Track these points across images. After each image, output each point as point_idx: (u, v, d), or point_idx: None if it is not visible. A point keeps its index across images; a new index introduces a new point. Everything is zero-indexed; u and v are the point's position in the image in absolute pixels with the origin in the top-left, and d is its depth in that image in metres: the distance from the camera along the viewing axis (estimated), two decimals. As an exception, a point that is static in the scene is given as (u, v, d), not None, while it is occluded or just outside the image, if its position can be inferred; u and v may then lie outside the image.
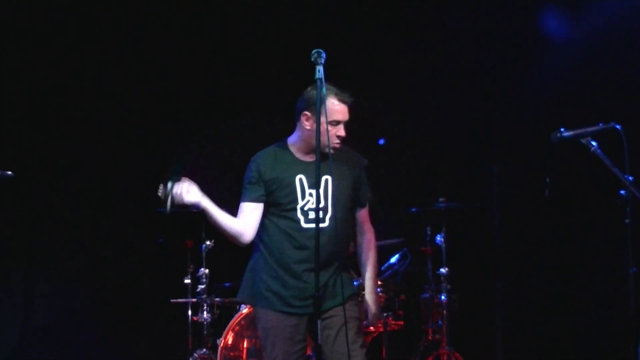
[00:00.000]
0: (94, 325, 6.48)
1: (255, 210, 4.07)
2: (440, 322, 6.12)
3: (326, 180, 4.04)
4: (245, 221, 4.07)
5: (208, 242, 5.98)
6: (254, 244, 4.16)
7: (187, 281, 6.03)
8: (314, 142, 3.88)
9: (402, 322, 5.85)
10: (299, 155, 4.10)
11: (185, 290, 6.03)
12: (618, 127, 3.77)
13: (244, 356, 5.66)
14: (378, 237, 4.35)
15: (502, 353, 6.80)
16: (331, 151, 3.89)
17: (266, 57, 6.66)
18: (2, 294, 6.34)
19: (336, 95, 3.99)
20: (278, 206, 4.05)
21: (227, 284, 6.22)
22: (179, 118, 6.69)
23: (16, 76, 6.25)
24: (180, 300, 6.03)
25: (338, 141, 4.00)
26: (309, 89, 4.01)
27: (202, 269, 5.95)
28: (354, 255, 4.35)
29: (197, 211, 4.11)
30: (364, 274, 4.26)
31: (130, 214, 6.56)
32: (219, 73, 6.70)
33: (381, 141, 6.25)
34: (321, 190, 3.97)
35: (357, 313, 4.15)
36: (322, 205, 3.98)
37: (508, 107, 6.64)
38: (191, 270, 6.05)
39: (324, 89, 3.67)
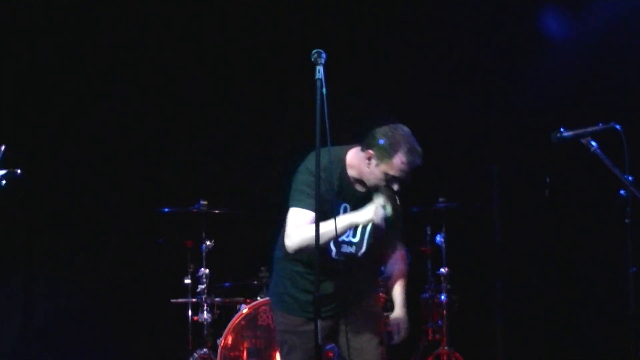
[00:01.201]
0: (94, 325, 6.48)
1: None
2: (440, 322, 6.12)
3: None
4: None
5: (208, 242, 5.98)
6: (277, 244, 4.08)
7: (187, 281, 6.03)
8: (368, 181, 3.81)
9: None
10: (352, 180, 3.89)
11: (185, 290, 6.02)
12: (618, 127, 3.77)
13: (244, 356, 5.65)
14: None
15: (502, 353, 6.80)
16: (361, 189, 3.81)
17: (266, 57, 6.66)
18: (2, 294, 6.33)
19: (407, 153, 3.77)
20: None
21: (227, 284, 6.22)
22: (179, 118, 6.69)
23: (16, 76, 6.25)
24: (180, 300, 6.03)
25: (384, 184, 3.81)
26: (387, 130, 3.80)
27: (202, 269, 5.95)
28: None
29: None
30: (393, 291, 4.19)
31: (130, 214, 6.56)
32: (219, 73, 6.70)
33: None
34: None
35: (377, 310, 4.12)
36: (357, 239, 3.92)
37: (508, 107, 6.63)
38: (191, 270, 6.05)
39: (324, 89, 3.63)
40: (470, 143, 6.82)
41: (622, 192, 3.74)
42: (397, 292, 4.18)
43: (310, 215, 3.68)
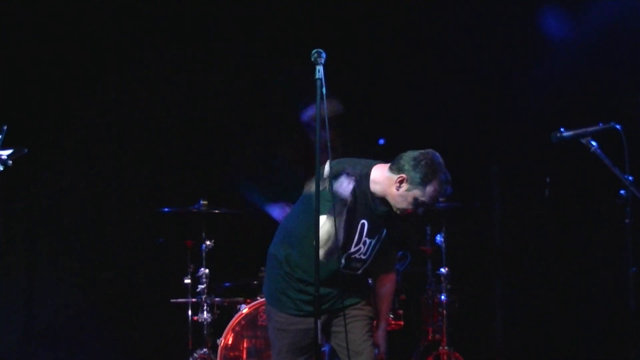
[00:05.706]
0: (94, 325, 6.48)
1: None
2: (440, 322, 6.12)
3: (381, 233, 3.93)
4: None
5: (208, 242, 5.98)
6: (273, 241, 4.11)
7: (187, 281, 6.02)
8: (394, 203, 3.82)
9: (402, 322, 5.84)
10: (375, 197, 3.88)
11: (185, 290, 6.02)
12: (618, 127, 3.77)
13: (244, 356, 5.65)
14: None
15: (502, 353, 6.80)
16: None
17: (266, 57, 6.65)
18: (2, 294, 6.33)
19: (442, 183, 3.80)
20: None
21: (227, 284, 6.22)
22: (179, 118, 6.69)
23: (16, 75, 6.24)
24: (180, 300, 6.03)
25: (408, 211, 3.84)
26: (422, 157, 3.81)
27: (202, 269, 5.94)
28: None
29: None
30: (378, 309, 4.20)
31: (130, 214, 6.56)
32: (219, 73, 6.69)
33: (381, 141, 6.23)
34: (374, 240, 3.92)
35: (370, 312, 4.12)
36: (366, 257, 3.94)
37: (508, 107, 6.64)
38: (191, 270, 6.05)
39: (324, 89, 3.63)
40: (470, 143, 6.82)
41: (622, 192, 3.74)
42: (383, 311, 4.21)
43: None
